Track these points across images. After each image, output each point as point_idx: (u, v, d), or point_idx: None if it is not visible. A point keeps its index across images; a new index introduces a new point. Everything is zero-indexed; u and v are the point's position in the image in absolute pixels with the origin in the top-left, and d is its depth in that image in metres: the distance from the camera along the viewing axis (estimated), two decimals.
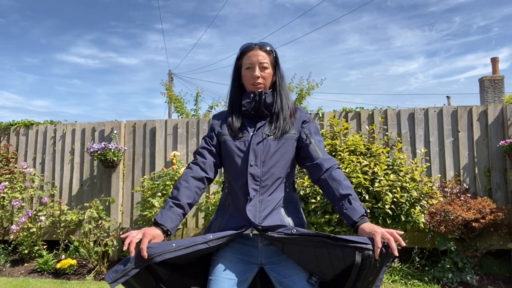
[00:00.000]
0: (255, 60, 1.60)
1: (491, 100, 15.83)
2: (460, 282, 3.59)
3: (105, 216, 4.35)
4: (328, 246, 1.32)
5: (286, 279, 1.45)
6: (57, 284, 3.87)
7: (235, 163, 1.56)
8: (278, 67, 1.67)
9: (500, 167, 4.10)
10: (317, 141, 1.60)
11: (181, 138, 4.79)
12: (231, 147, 1.58)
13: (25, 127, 5.24)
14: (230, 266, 1.48)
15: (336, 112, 4.55)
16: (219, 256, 1.51)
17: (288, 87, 1.71)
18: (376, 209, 3.36)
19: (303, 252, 1.39)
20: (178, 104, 8.91)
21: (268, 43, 1.66)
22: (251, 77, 1.60)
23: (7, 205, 4.60)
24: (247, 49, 1.64)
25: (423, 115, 4.35)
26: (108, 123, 4.94)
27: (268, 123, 1.61)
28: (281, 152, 1.56)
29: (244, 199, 1.50)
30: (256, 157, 1.53)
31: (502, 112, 4.15)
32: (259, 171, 1.52)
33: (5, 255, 4.57)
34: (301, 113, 1.67)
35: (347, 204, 1.42)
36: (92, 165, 4.93)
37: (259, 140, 1.56)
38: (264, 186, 1.52)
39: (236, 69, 1.68)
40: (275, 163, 1.54)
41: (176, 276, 1.40)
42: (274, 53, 1.66)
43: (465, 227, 3.67)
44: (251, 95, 1.60)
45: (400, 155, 3.83)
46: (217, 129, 1.65)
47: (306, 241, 1.35)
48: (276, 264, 1.49)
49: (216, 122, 1.69)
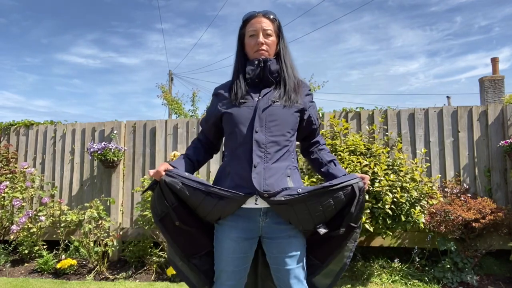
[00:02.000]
0: (259, 27, 1.56)
1: (491, 100, 15.83)
2: (460, 282, 3.59)
3: (105, 216, 4.35)
4: (330, 193, 1.46)
5: (279, 254, 1.51)
6: (57, 284, 3.87)
7: (239, 129, 1.53)
8: (282, 36, 1.64)
9: (500, 167, 4.10)
10: (315, 115, 1.70)
11: (181, 138, 4.79)
12: (235, 113, 1.55)
13: (25, 127, 5.24)
14: (235, 247, 1.52)
15: (336, 112, 4.56)
16: (224, 236, 1.54)
17: (292, 56, 1.67)
18: (376, 209, 3.36)
19: (301, 211, 1.47)
20: (176, 105, 8.93)
21: (271, 11, 1.62)
22: (254, 44, 1.57)
23: (8, 205, 4.60)
24: (250, 17, 1.60)
25: (423, 115, 4.35)
26: (108, 123, 4.94)
27: (273, 90, 1.59)
28: (287, 120, 1.55)
29: (248, 166, 1.48)
30: (261, 123, 1.51)
31: (502, 112, 4.15)
32: (263, 138, 1.49)
33: (5, 255, 4.57)
34: (304, 86, 1.67)
35: (333, 166, 1.65)
36: (92, 165, 4.93)
37: (265, 106, 1.54)
38: (269, 153, 1.50)
39: (239, 38, 1.64)
40: (281, 131, 1.53)
41: (181, 210, 1.53)
42: (278, 21, 1.63)
43: (465, 227, 3.67)
44: (255, 62, 1.57)
45: (400, 155, 3.83)
46: (219, 101, 1.64)
47: (312, 196, 1.46)
48: (272, 240, 1.53)
49: (219, 92, 1.66)
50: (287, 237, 1.51)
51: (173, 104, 8.98)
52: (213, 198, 1.46)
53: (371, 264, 3.98)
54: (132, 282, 3.89)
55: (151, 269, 4.14)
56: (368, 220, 3.32)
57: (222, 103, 1.61)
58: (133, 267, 4.25)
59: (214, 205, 1.47)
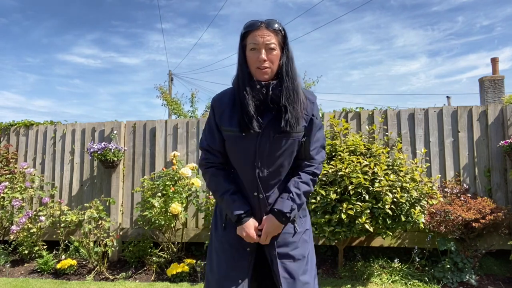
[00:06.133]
0: (261, 41, 1.43)
1: (491, 100, 15.82)
2: (460, 282, 3.59)
3: (105, 217, 4.35)
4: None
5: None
6: (57, 284, 3.87)
7: (239, 160, 1.54)
8: (287, 47, 1.49)
9: (500, 167, 4.10)
10: (316, 138, 1.59)
11: (181, 138, 4.79)
12: (236, 143, 1.52)
13: (25, 127, 5.24)
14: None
15: (336, 112, 4.56)
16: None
17: (296, 70, 1.53)
18: (376, 209, 3.36)
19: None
20: (175, 106, 8.94)
21: (276, 20, 1.48)
22: (256, 60, 1.44)
23: (7, 205, 4.60)
24: (252, 28, 1.46)
25: (423, 115, 4.35)
26: (108, 123, 4.94)
27: (276, 117, 1.49)
28: (289, 151, 1.53)
29: (248, 190, 1.55)
30: (262, 159, 1.50)
31: (502, 112, 4.15)
32: (265, 172, 1.52)
33: (5, 255, 4.57)
34: (312, 105, 1.55)
35: (284, 195, 1.55)
36: (92, 165, 4.93)
37: (266, 140, 1.49)
38: (269, 184, 1.54)
39: (241, 49, 1.51)
40: (282, 164, 1.54)
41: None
42: (283, 31, 1.49)
43: (465, 227, 3.67)
44: (257, 86, 1.46)
45: (400, 155, 3.83)
46: (218, 118, 1.55)
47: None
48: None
49: (217, 109, 1.57)
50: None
51: (173, 104, 9.00)
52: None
53: (371, 264, 3.98)
54: (132, 282, 3.89)
55: (151, 269, 4.14)
56: (368, 220, 3.32)
57: (221, 123, 1.54)
58: (133, 267, 4.25)
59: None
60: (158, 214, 4.05)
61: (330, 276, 3.92)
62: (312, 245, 1.67)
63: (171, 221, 4.14)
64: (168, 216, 4.06)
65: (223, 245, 1.59)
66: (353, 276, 3.80)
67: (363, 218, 3.29)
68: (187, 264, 3.96)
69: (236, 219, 1.52)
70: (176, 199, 4.09)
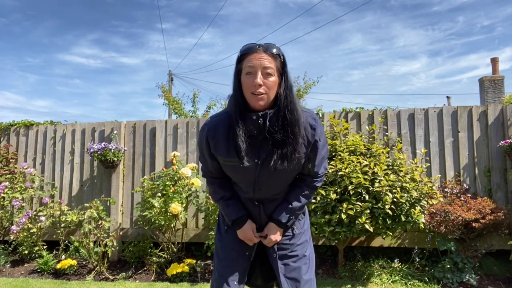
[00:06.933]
0: (257, 64, 1.32)
1: (491, 100, 15.83)
2: (460, 282, 3.59)
3: (105, 217, 4.35)
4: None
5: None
6: (57, 285, 3.87)
7: (239, 182, 1.58)
8: (286, 75, 1.37)
9: (500, 167, 4.10)
10: (320, 156, 1.53)
11: (181, 138, 4.79)
12: (235, 171, 1.50)
13: (25, 128, 5.24)
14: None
15: (336, 112, 4.56)
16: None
17: (297, 98, 1.42)
18: (376, 209, 3.36)
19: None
20: (176, 105, 8.95)
21: (275, 45, 1.38)
22: (251, 84, 1.32)
23: (7, 205, 4.60)
24: (249, 51, 1.36)
25: (423, 115, 4.35)
26: (108, 123, 4.94)
27: (274, 147, 1.40)
28: (291, 175, 1.54)
29: (248, 200, 1.60)
30: (263, 184, 1.52)
31: (502, 112, 4.15)
32: (266, 193, 1.57)
33: (5, 256, 4.57)
34: (314, 132, 1.44)
35: (284, 205, 1.58)
36: (92, 165, 4.93)
37: (265, 171, 1.45)
38: (269, 201, 1.60)
39: (236, 74, 1.39)
40: (283, 186, 1.58)
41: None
42: (282, 57, 1.38)
43: (465, 227, 3.67)
44: (253, 117, 1.36)
45: (400, 155, 3.83)
46: (213, 149, 1.49)
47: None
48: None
49: (212, 140, 1.47)
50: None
51: (174, 104, 9.01)
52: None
53: (371, 264, 3.97)
54: (132, 283, 3.89)
55: (151, 269, 4.14)
56: (368, 220, 3.32)
57: (221, 154, 1.48)
58: (133, 267, 4.25)
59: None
60: (158, 214, 4.05)
61: (330, 276, 3.92)
62: (311, 243, 1.73)
63: (171, 221, 4.14)
64: (168, 216, 4.06)
65: (224, 247, 1.65)
66: (353, 276, 3.80)
67: (363, 218, 3.29)
68: (187, 264, 3.96)
69: (231, 223, 1.59)
70: (176, 199, 4.09)
